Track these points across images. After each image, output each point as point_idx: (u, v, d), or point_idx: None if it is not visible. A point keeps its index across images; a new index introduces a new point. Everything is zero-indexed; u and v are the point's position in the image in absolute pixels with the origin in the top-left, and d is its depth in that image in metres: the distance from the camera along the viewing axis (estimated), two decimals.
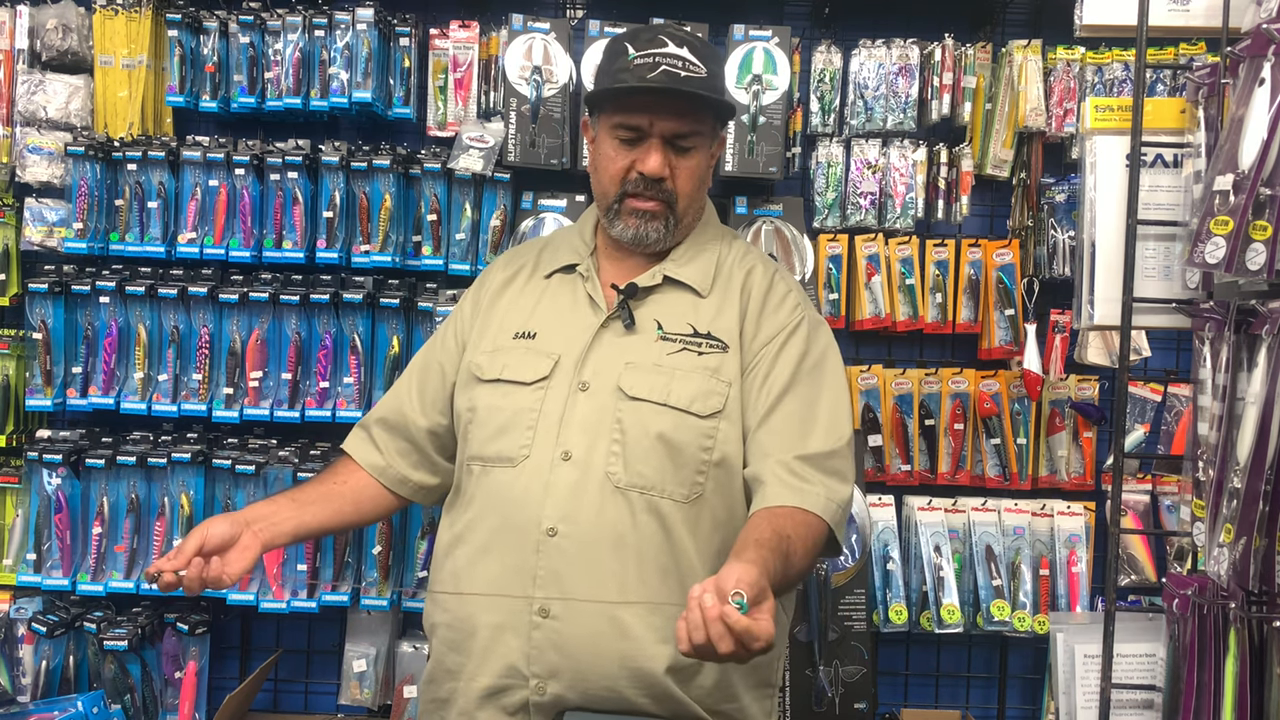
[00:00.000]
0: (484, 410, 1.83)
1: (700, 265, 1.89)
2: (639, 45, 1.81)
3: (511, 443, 1.78)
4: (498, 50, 2.98)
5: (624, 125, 1.81)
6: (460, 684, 1.78)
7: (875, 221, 2.99)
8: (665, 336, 1.81)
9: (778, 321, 1.84)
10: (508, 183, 2.93)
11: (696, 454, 1.75)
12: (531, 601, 1.72)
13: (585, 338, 1.82)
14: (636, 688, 1.70)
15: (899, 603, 2.91)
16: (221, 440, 2.97)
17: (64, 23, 3.02)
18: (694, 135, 1.82)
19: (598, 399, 1.77)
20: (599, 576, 1.71)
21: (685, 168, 1.83)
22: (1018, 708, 3.15)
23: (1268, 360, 1.60)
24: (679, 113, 1.79)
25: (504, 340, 1.88)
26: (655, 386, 1.76)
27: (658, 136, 1.80)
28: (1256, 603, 1.67)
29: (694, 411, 1.76)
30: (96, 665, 2.86)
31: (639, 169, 1.80)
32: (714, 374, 1.78)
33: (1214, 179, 1.71)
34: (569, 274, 1.92)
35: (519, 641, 1.72)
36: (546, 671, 1.71)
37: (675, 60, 1.79)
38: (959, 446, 3.01)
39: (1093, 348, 2.84)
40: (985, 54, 3.03)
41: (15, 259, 3.04)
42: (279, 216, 2.92)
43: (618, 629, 1.70)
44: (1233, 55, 1.77)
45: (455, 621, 1.79)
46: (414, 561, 2.90)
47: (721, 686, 1.75)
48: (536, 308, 1.90)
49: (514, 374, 1.82)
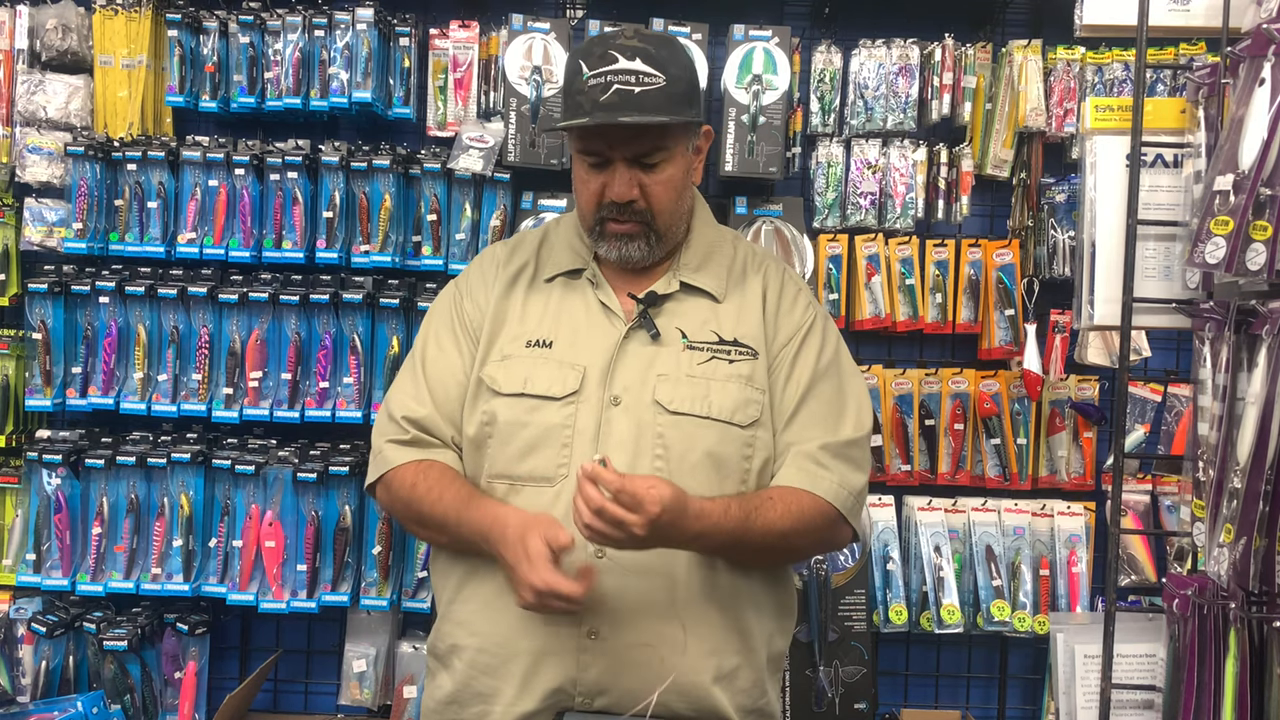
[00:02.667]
0: (506, 426, 1.76)
1: (713, 270, 1.87)
2: (591, 63, 1.74)
3: (546, 461, 1.73)
4: (498, 50, 2.98)
5: (586, 151, 1.78)
6: (497, 708, 1.74)
7: (875, 221, 2.99)
8: (692, 346, 1.79)
9: (793, 322, 1.85)
10: (508, 183, 2.92)
11: (739, 464, 1.76)
12: (580, 624, 1.69)
13: (608, 349, 1.78)
14: (683, 700, 1.71)
15: (899, 603, 2.91)
16: (221, 440, 2.97)
17: (64, 23, 3.02)
18: (658, 151, 1.76)
19: (634, 414, 1.74)
20: (648, 594, 1.70)
21: (656, 183, 1.77)
22: (1018, 708, 3.15)
23: (1268, 360, 1.60)
24: (637, 134, 1.74)
25: (516, 349, 1.81)
26: (695, 399, 1.75)
27: (620, 161, 1.75)
28: (1256, 603, 1.67)
29: (736, 422, 1.75)
30: (96, 665, 2.85)
31: (608, 196, 1.77)
32: (748, 382, 1.78)
33: (1214, 179, 1.71)
34: (574, 279, 1.87)
35: (566, 665, 1.70)
36: (594, 690, 1.71)
37: (628, 76, 1.72)
38: (959, 446, 3.01)
39: (1093, 348, 2.84)
40: (985, 54, 3.03)
41: (15, 259, 3.04)
42: (279, 216, 2.92)
43: (667, 644, 1.70)
44: (1233, 55, 1.77)
45: (489, 645, 1.75)
46: (414, 562, 2.90)
47: (757, 684, 1.79)
48: (546, 315, 1.84)
49: (540, 388, 1.76)
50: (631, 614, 1.70)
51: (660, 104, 1.73)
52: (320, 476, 2.83)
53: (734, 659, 1.76)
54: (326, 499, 2.86)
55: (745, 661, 1.78)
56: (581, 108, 1.74)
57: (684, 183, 1.84)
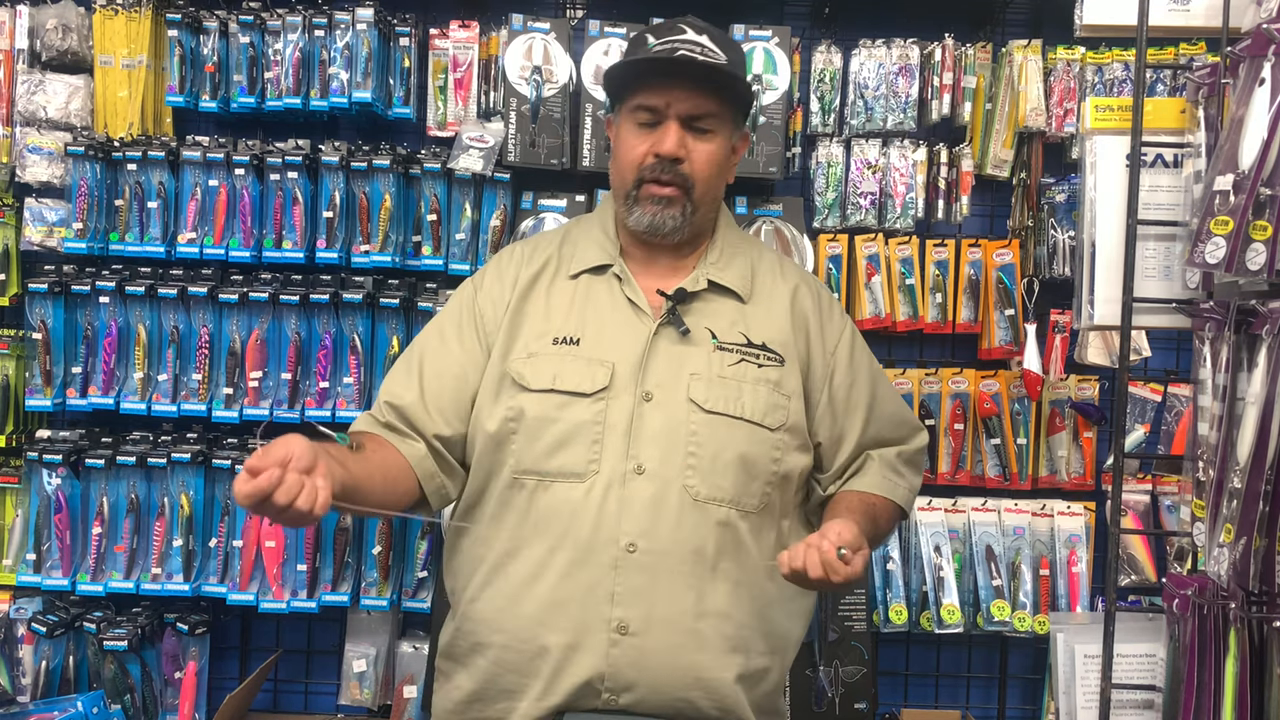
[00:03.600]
0: (534, 422, 1.76)
1: (738, 270, 1.88)
2: (659, 35, 1.83)
3: (576, 457, 1.74)
4: (498, 50, 2.98)
5: (642, 106, 1.80)
6: (522, 704, 1.74)
7: (875, 221, 2.99)
8: (722, 347, 1.81)
9: (835, 328, 1.92)
10: (508, 183, 2.92)
11: (768, 466, 1.78)
12: (609, 619, 1.70)
13: (639, 345, 1.79)
14: (708, 698, 1.72)
15: (899, 603, 2.91)
16: (221, 440, 2.97)
17: (64, 23, 3.02)
18: (711, 117, 1.81)
19: (666, 410, 1.75)
20: (679, 590, 1.71)
21: (703, 151, 1.81)
22: (1018, 708, 3.15)
23: (1268, 360, 1.60)
24: (695, 92, 1.79)
25: (542, 345, 1.80)
26: (728, 399, 1.77)
27: (674, 118, 1.79)
28: (1256, 603, 1.67)
29: (766, 424, 1.78)
30: (96, 665, 2.85)
31: (656, 150, 1.79)
32: (776, 387, 1.81)
33: (1214, 179, 1.71)
34: (599, 274, 1.87)
35: (595, 659, 1.70)
36: (621, 686, 1.71)
37: (693, 45, 1.79)
38: (959, 446, 3.01)
39: (1093, 348, 2.84)
40: (985, 54, 3.03)
41: (15, 259, 3.04)
42: (279, 216, 2.92)
43: (696, 641, 1.71)
44: (1233, 55, 1.77)
45: (515, 642, 1.74)
46: (414, 562, 2.90)
47: (776, 687, 1.82)
48: (572, 311, 1.83)
49: (570, 384, 1.76)
50: (663, 608, 1.71)
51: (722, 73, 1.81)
52: None
53: (761, 660, 1.78)
54: None
55: (771, 663, 1.80)
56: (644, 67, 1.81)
57: (724, 165, 1.87)
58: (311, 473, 1.47)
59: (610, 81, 1.88)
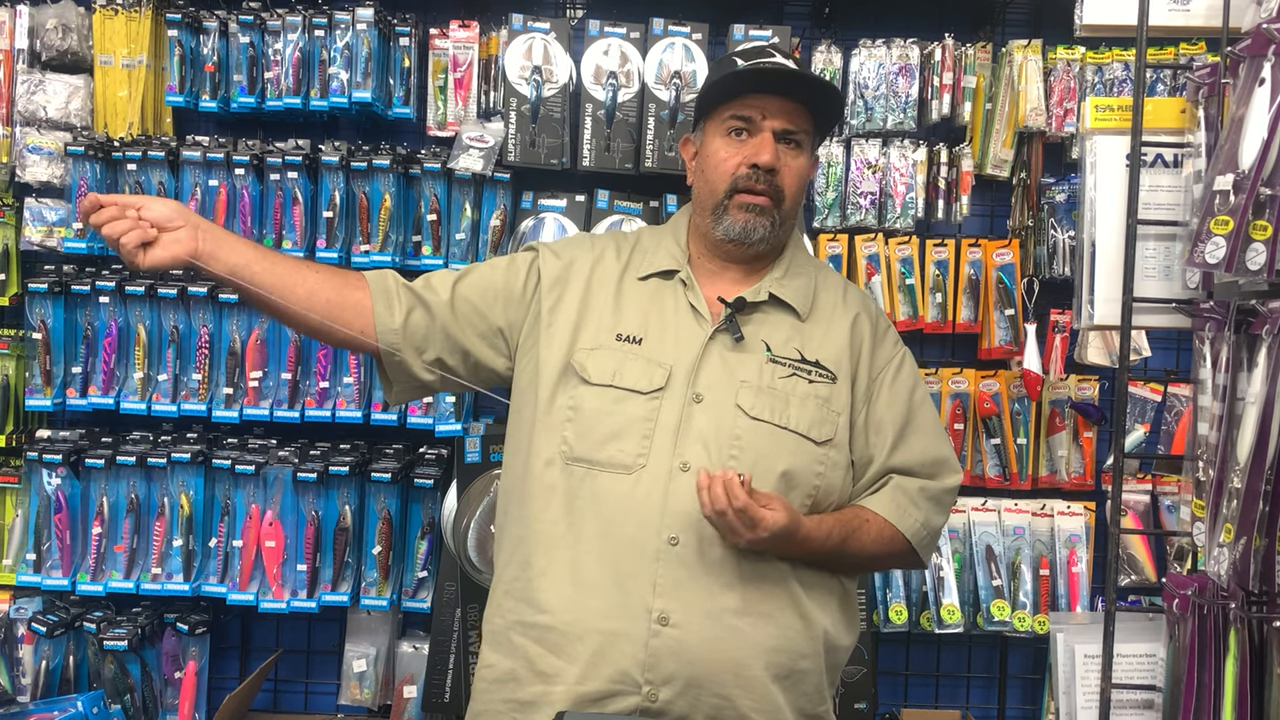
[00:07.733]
0: (591, 413, 1.80)
1: (799, 287, 1.91)
2: (747, 57, 1.87)
3: (626, 449, 1.77)
4: (498, 50, 2.98)
5: (737, 116, 1.84)
6: (558, 688, 1.74)
7: (875, 221, 2.99)
8: (775, 359, 1.83)
9: (886, 351, 1.92)
10: (508, 183, 2.93)
11: (810, 479, 1.80)
12: (650, 609, 1.71)
13: (695, 349, 1.82)
14: (747, 695, 1.73)
15: (899, 603, 2.91)
16: (221, 440, 2.97)
17: (64, 23, 3.02)
18: (803, 133, 1.86)
19: (714, 413, 1.78)
20: (719, 586, 1.73)
21: (793, 166, 1.85)
22: (1018, 708, 3.15)
23: (1268, 360, 1.60)
24: (790, 108, 1.84)
25: (606, 340, 1.84)
26: (775, 409, 1.79)
27: (769, 130, 1.83)
28: (1256, 603, 1.67)
29: (811, 437, 1.80)
30: (96, 665, 2.86)
31: (752, 160, 1.82)
32: (825, 403, 1.82)
33: (1214, 179, 1.71)
34: (667, 279, 1.91)
35: (634, 649, 1.71)
36: (661, 679, 1.71)
37: (787, 64, 1.85)
38: (959, 446, 3.01)
39: (1093, 348, 2.84)
40: (985, 54, 3.03)
41: (15, 259, 3.05)
42: (279, 216, 2.92)
43: (736, 638, 1.72)
44: (1233, 55, 1.77)
45: (559, 624, 1.75)
46: (414, 562, 2.90)
47: (819, 688, 1.81)
48: (637, 312, 1.87)
49: (628, 382, 1.80)
50: (703, 602, 1.72)
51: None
52: (320, 476, 2.83)
53: (803, 662, 1.78)
54: (326, 499, 2.86)
55: (812, 666, 1.80)
56: (743, 79, 1.83)
57: (806, 183, 1.93)
58: (167, 230, 1.68)
59: (707, 94, 1.91)
